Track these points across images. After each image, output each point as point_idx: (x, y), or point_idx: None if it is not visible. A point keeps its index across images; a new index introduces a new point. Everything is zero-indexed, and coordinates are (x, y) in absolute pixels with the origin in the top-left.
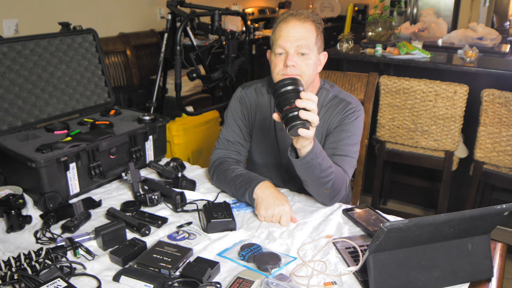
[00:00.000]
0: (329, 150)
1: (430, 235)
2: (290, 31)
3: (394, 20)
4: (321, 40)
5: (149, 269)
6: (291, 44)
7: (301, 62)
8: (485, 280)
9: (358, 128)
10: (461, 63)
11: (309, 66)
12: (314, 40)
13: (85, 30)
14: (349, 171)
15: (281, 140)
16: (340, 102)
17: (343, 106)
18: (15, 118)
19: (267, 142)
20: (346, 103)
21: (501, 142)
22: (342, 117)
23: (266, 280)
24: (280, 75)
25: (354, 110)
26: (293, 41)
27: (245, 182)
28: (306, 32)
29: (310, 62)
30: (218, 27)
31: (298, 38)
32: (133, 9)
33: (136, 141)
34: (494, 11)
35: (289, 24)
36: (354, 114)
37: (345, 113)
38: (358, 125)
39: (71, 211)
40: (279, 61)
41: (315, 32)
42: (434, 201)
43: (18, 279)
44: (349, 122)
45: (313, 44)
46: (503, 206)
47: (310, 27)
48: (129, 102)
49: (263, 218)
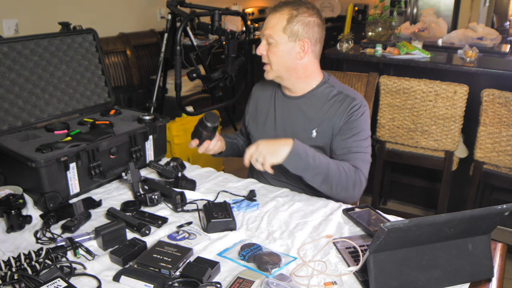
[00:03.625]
0: (341, 150)
1: (431, 235)
2: (266, 20)
3: (394, 20)
4: (299, 26)
5: (149, 269)
6: (262, 33)
7: (268, 52)
8: (485, 280)
9: (366, 123)
10: (461, 63)
11: (275, 54)
12: (282, 27)
13: (85, 30)
14: (362, 165)
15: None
16: (345, 98)
17: (348, 102)
18: (15, 118)
19: (265, 133)
20: (351, 99)
21: (501, 142)
22: (348, 114)
23: (266, 280)
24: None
25: (359, 106)
26: (263, 30)
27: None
28: (274, 20)
29: (275, 50)
30: (218, 27)
31: (265, 28)
32: (133, 9)
33: (136, 141)
34: (494, 11)
35: (269, 13)
36: (360, 110)
37: (351, 110)
38: (365, 120)
39: (71, 211)
40: None
41: (287, 19)
42: (434, 201)
43: (18, 279)
44: (356, 118)
45: (281, 32)
46: (504, 206)
47: (280, 16)
48: (129, 102)
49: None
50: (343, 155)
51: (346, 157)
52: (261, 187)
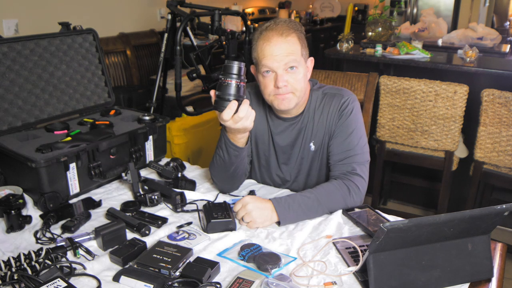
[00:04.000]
0: (337, 155)
1: (430, 235)
2: (274, 50)
3: (394, 20)
4: (305, 47)
5: (149, 269)
6: (279, 64)
7: (291, 79)
8: (485, 280)
9: (358, 120)
10: (461, 63)
11: (300, 81)
12: (299, 52)
13: (85, 30)
14: (359, 168)
15: (279, 144)
16: (332, 98)
17: (336, 101)
18: (15, 118)
19: (262, 147)
20: (338, 96)
21: (501, 142)
22: (339, 114)
23: (266, 280)
24: (272, 96)
25: (348, 102)
26: (279, 60)
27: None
28: (291, 46)
29: (299, 77)
30: (218, 27)
31: (284, 55)
32: (133, 9)
33: (136, 141)
34: (494, 11)
35: (272, 42)
36: (349, 107)
37: (341, 109)
38: (357, 116)
39: (71, 211)
40: (268, 81)
41: (299, 43)
42: (434, 201)
43: (18, 279)
44: (347, 117)
45: (300, 56)
46: (503, 206)
47: (293, 39)
48: (129, 102)
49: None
50: (340, 161)
51: (344, 161)
52: (261, 187)
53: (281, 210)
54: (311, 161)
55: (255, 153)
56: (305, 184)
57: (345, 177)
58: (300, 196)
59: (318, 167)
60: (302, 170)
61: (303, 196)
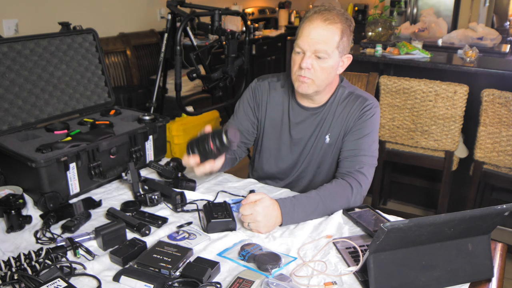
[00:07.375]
0: (348, 151)
1: (430, 235)
2: (311, 32)
3: (394, 20)
4: (347, 41)
5: (149, 269)
6: (309, 46)
7: (316, 65)
8: (485, 280)
9: (375, 126)
10: (461, 63)
11: (324, 70)
12: (336, 43)
13: (85, 30)
14: (366, 169)
15: (295, 135)
16: (357, 99)
17: (360, 102)
18: (15, 118)
19: (279, 137)
20: (363, 99)
21: (501, 142)
22: (360, 114)
23: (266, 280)
24: (295, 76)
25: (371, 106)
26: (311, 43)
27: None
28: (328, 35)
29: (325, 66)
30: (218, 27)
31: (317, 41)
32: (133, 9)
33: (136, 141)
34: (494, 11)
35: (312, 24)
36: (371, 111)
37: (363, 110)
38: (375, 121)
39: (71, 211)
40: (296, 60)
41: (339, 34)
42: (434, 201)
43: (18, 279)
44: (367, 119)
45: (334, 48)
46: (504, 206)
47: (333, 29)
48: (129, 102)
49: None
50: (350, 157)
51: (352, 159)
52: (261, 187)
53: (285, 211)
54: (323, 153)
55: (267, 139)
56: (313, 177)
57: (350, 174)
58: (305, 198)
59: (330, 161)
60: (313, 161)
61: (309, 198)
